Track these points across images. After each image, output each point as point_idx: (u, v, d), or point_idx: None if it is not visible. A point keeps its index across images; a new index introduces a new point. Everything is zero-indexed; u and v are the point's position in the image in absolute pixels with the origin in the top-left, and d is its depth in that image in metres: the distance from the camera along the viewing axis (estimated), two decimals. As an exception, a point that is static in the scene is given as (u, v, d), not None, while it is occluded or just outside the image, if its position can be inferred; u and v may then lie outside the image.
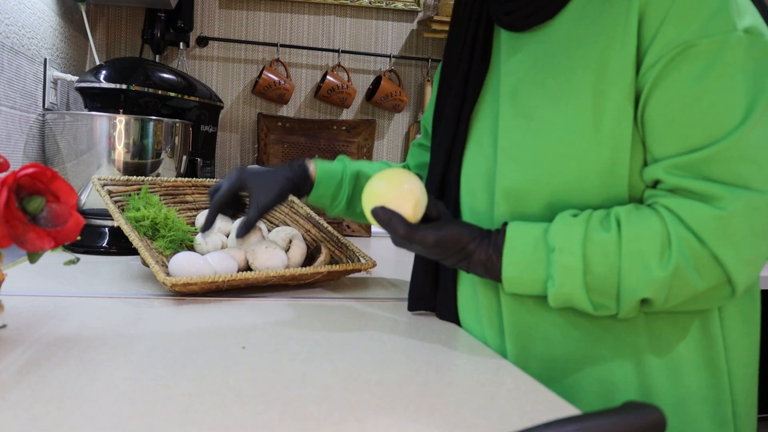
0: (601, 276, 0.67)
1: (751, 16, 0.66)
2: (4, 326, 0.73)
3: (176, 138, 1.39)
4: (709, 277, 0.65)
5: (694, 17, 0.65)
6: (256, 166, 1.04)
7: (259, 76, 1.92)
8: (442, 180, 0.89)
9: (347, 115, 2.08)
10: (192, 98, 1.55)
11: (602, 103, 0.69)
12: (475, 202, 0.84)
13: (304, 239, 1.20)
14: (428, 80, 2.08)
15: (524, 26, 0.79)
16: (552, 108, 0.73)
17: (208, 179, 1.26)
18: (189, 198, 1.23)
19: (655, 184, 0.70)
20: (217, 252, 1.04)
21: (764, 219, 0.64)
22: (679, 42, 0.65)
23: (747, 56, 0.64)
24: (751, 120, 0.64)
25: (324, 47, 2.05)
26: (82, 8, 1.64)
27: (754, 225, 0.64)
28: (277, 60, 2.00)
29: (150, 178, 1.18)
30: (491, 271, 0.74)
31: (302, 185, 1.02)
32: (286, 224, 1.25)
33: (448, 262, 0.77)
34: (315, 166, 1.04)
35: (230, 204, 1.04)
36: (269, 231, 1.18)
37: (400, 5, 2.06)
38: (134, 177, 1.15)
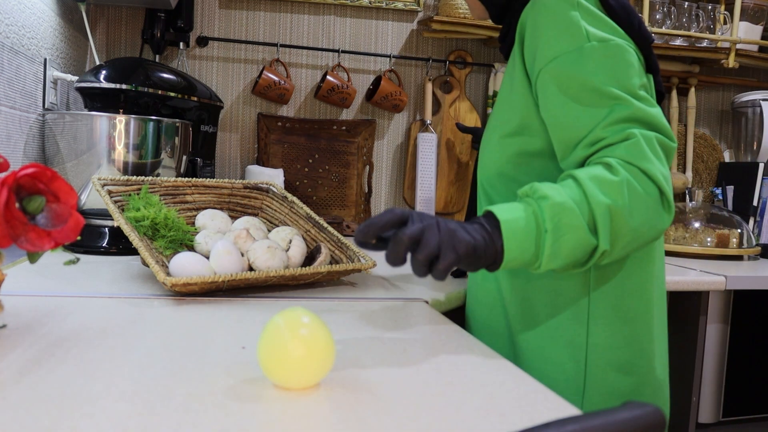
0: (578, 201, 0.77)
1: (601, 27, 0.85)
2: (4, 326, 0.73)
3: (176, 138, 1.39)
4: (647, 187, 0.78)
5: (556, 38, 0.85)
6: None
7: (259, 76, 1.92)
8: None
9: (347, 115, 2.08)
10: (192, 98, 1.55)
11: (516, 113, 0.91)
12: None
13: (304, 239, 1.20)
14: (429, 80, 2.08)
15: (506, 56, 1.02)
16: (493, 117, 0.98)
17: (208, 179, 1.26)
18: (189, 198, 1.23)
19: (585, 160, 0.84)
20: (217, 252, 1.04)
21: (652, 144, 0.81)
22: (551, 57, 0.85)
23: (605, 57, 0.83)
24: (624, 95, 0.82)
25: (324, 47, 2.05)
26: (82, 8, 1.64)
27: (653, 148, 0.80)
28: (277, 60, 2.00)
29: (150, 178, 1.18)
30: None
31: None
32: (286, 224, 1.25)
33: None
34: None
35: None
36: (269, 231, 1.18)
37: (400, 5, 2.06)
38: (134, 177, 1.15)
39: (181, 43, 1.91)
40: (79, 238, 0.69)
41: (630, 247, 0.80)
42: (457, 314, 1.07)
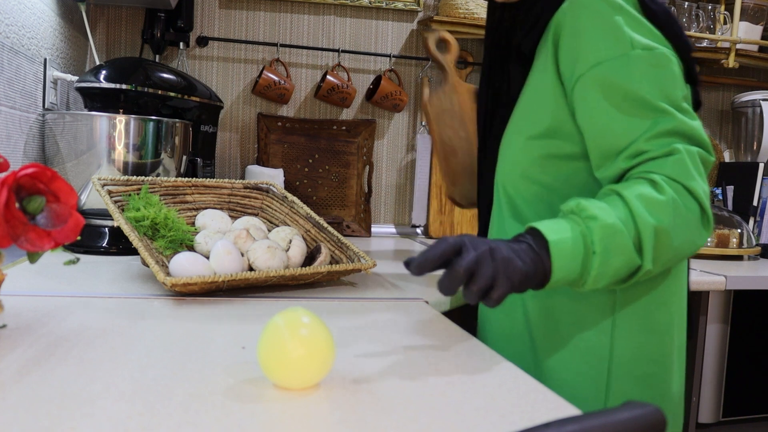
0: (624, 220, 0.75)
1: (646, 35, 0.82)
2: (4, 326, 0.73)
3: (176, 138, 1.39)
4: (690, 205, 0.77)
5: (599, 43, 0.82)
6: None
7: (259, 76, 1.92)
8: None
9: (347, 114, 2.08)
10: (192, 98, 1.55)
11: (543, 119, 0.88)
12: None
13: (304, 239, 1.20)
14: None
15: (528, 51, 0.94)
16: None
17: (208, 179, 1.26)
18: (189, 198, 1.23)
19: (623, 175, 0.81)
20: (217, 252, 1.03)
21: (695, 160, 0.79)
22: (594, 63, 0.81)
23: (650, 66, 0.81)
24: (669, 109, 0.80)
25: (324, 47, 2.05)
26: (82, 8, 1.64)
27: (695, 164, 0.79)
28: (277, 60, 2.00)
29: (150, 178, 1.18)
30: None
31: None
32: (286, 224, 1.25)
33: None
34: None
35: None
36: (269, 231, 1.18)
37: (400, 5, 2.06)
38: (134, 177, 1.15)
39: (181, 43, 1.91)
40: (79, 238, 0.69)
41: (669, 264, 0.79)
42: (458, 314, 1.07)
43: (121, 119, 1.31)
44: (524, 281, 0.70)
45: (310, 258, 1.13)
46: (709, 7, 2.11)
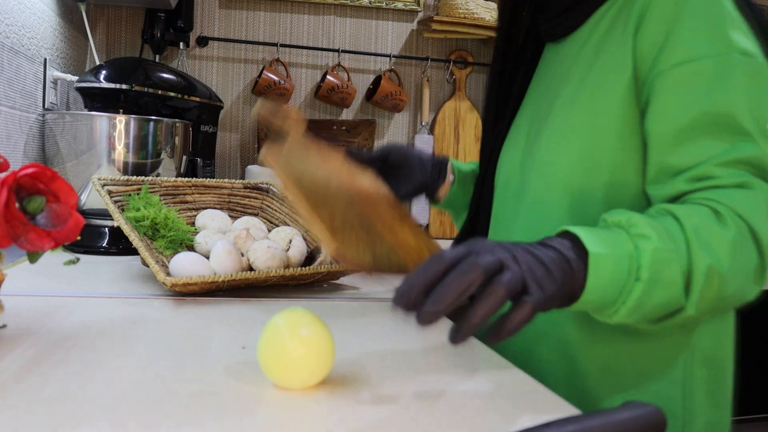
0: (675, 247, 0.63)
1: (745, 38, 0.70)
2: (4, 326, 0.73)
3: (176, 138, 1.39)
4: (750, 252, 0.65)
5: (695, 36, 0.69)
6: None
7: (259, 76, 1.92)
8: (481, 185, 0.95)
9: (347, 114, 2.08)
10: (192, 98, 1.55)
11: (601, 111, 0.75)
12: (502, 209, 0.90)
13: (304, 239, 1.20)
14: (428, 80, 2.08)
15: (557, 34, 0.85)
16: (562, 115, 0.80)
17: (208, 179, 1.26)
18: (189, 198, 1.23)
19: (682, 194, 0.70)
20: (217, 252, 1.03)
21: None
22: (683, 59, 0.69)
23: (745, 75, 0.68)
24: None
25: (324, 47, 2.05)
26: (82, 8, 1.64)
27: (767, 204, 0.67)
28: (277, 60, 2.00)
29: (150, 178, 1.18)
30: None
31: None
32: (286, 224, 1.25)
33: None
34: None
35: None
36: (269, 231, 1.18)
37: (400, 5, 2.06)
38: (134, 177, 1.15)
39: (181, 43, 1.91)
40: (79, 238, 0.69)
41: (708, 314, 0.67)
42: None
43: (121, 119, 1.31)
44: (550, 299, 0.57)
45: (310, 258, 1.13)
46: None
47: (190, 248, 1.12)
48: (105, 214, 1.29)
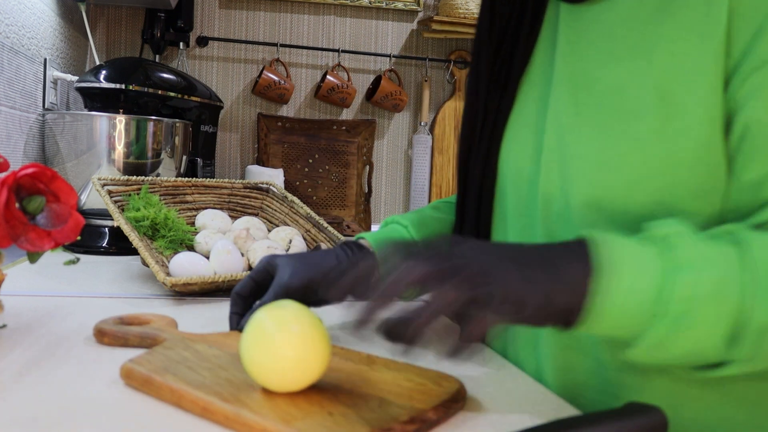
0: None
1: None
2: (4, 326, 0.73)
3: (176, 138, 1.39)
4: None
5: None
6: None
7: (259, 76, 1.92)
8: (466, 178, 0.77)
9: (347, 114, 2.08)
10: (192, 98, 1.55)
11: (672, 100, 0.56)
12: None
13: (304, 239, 1.20)
14: (425, 80, 2.08)
15: None
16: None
17: (208, 179, 1.26)
18: (189, 198, 1.23)
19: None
20: (217, 252, 1.03)
21: None
22: None
23: None
24: None
25: (324, 47, 2.05)
26: (82, 8, 1.64)
27: None
28: (277, 60, 2.00)
29: (150, 178, 1.18)
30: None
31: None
32: (286, 224, 1.25)
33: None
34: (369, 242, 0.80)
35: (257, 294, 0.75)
36: (269, 231, 1.18)
37: (400, 5, 2.06)
38: (134, 177, 1.15)
39: (181, 43, 1.91)
40: (79, 238, 0.69)
41: (763, 369, 0.52)
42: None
43: (121, 119, 1.31)
44: (543, 310, 0.49)
45: (310, 258, 1.13)
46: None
47: (190, 248, 1.12)
48: (105, 214, 1.29)
